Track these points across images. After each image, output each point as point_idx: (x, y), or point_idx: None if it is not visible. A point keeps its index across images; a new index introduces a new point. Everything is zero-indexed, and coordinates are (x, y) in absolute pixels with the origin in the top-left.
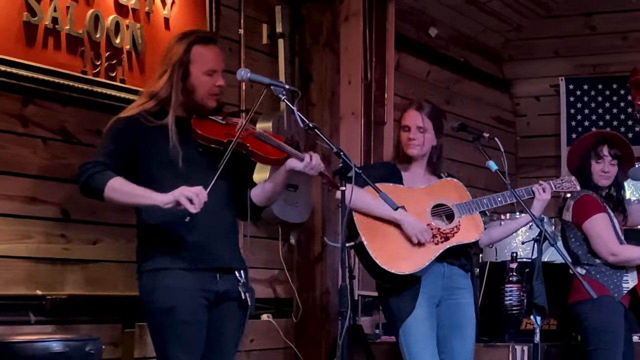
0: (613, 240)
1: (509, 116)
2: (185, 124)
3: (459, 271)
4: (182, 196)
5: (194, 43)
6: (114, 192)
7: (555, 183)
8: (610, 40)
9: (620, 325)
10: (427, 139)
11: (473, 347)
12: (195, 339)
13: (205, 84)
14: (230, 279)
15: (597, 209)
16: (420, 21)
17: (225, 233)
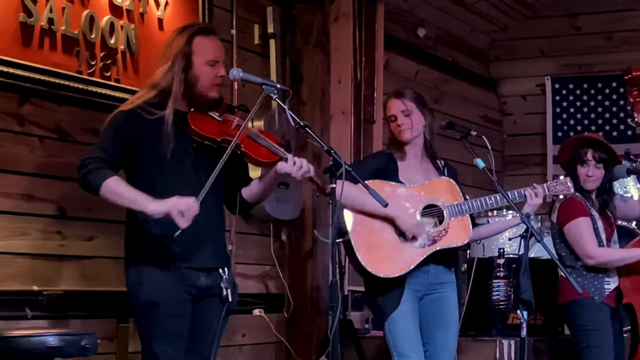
0: (592, 243)
1: (496, 115)
2: (184, 117)
3: (444, 269)
4: (174, 208)
5: (195, 34)
6: (108, 192)
7: (548, 186)
8: (595, 40)
9: (606, 324)
10: (414, 120)
11: (456, 340)
12: (179, 332)
13: (208, 74)
14: (213, 275)
15: (580, 212)
16: (409, 22)
17: (212, 231)
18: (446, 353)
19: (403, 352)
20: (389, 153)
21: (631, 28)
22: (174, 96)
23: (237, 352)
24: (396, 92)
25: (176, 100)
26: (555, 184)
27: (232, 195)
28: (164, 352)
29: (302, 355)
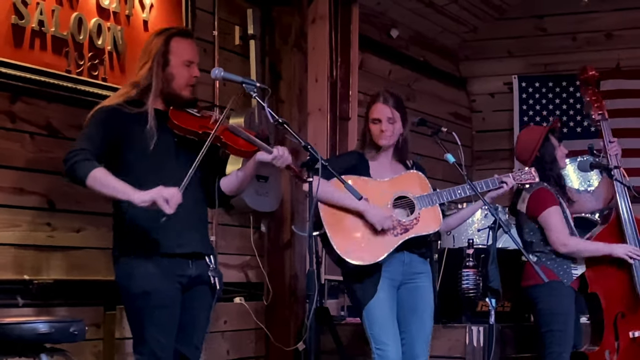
0: (564, 232)
1: (466, 112)
2: (163, 115)
3: (418, 258)
4: (160, 197)
5: (173, 36)
6: (95, 182)
7: (514, 175)
8: (560, 41)
9: (571, 308)
10: (396, 129)
11: (431, 328)
12: (171, 321)
13: (183, 74)
14: (201, 264)
15: (551, 202)
16: (382, 23)
17: (196, 221)
18: (422, 341)
19: (380, 340)
20: (361, 153)
21: (594, 29)
22: (154, 93)
23: (219, 338)
24: (384, 97)
25: (156, 96)
26: (521, 174)
27: (210, 188)
28: (155, 341)
29: (280, 341)
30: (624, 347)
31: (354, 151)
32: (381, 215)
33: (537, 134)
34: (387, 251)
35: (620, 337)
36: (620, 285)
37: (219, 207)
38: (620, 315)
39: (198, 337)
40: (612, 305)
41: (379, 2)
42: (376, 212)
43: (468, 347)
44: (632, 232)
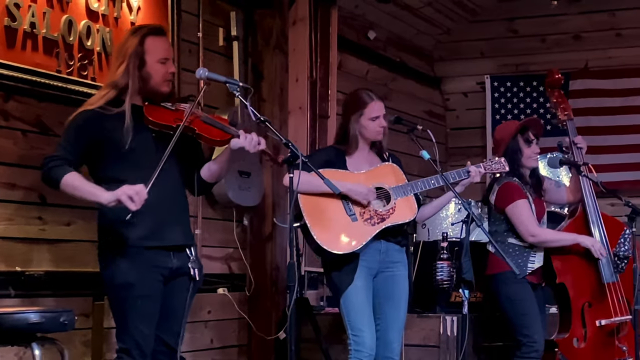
0: (533, 223)
1: (440, 110)
2: (140, 110)
3: (395, 247)
4: (124, 194)
5: (147, 35)
6: (66, 186)
7: (485, 165)
8: (530, 42)
9: (527, 294)
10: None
11: (405, 315)
12: (152, 311)
13: (159, 71)
14: (182, 256)
15: (519, 195)
16: (360, 25)
17: (177, 212)
18: (396, 328)
19: (356, 327)
20: (338, 148)
21: (563, 31)
22: (130, 93)
23: (203, 328)
24: (376, 95)
25: (132, 96)
26: (492, 163)
27: (191, 177)
28: (137, 330)
29: (262, 330)
30: (591, 334)
31: (331, 146)
32: (364, 191)
33: (509, 130)
34: (366, 240)
35: (588, 326)
36: (587, 276)
37: (200, 194)
38: (587, 304)
39: (178, 325)
40: (579, 295)
41: (357, 4)
42: (359, 189)
43: (442, 336)
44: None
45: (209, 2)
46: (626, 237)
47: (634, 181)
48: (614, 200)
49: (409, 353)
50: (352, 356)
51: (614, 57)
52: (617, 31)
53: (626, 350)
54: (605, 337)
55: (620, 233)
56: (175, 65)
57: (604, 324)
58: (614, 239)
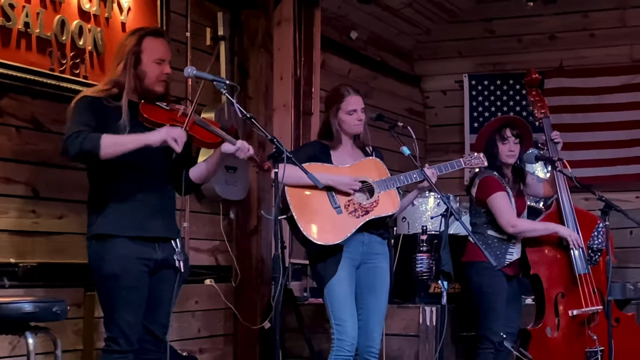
0: (512, 214)
1: (420, 108)
2: (137, 107)
3: (377, 239)
4: (169, 136)
5: (145, 35)
6: (109, 147)
7: (465, 160)
8: (507, 42)
9: (500, 288)
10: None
11: (386, 305)
12: (138, 301)
13: (155, 71)
14: (167, 247)
15: (498, 188)
16: (343, 25)
17: (164, 206)
18: (377, 318)
19: (339, 316)
20: (322, 142)
21: (539, 31)
22: (127, 89)
23: (190, 318)
24: (354, 89)
25: (129, 92)
26: (471, 158)
27: (178, 176)
28: (124, 320)
29: (248, 320)
30: (564, 324)
31: (316, 141)
32: (347, 181)
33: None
34: (350, 232)
35: (561, 316)
36: (560, 267)
37: (187, 194)
38: (560, 295)
39: (165, 316)
40: (552, 286)
41: (340, 5)
42: (343, 179)
43: (422, 326)
44: (572, 220)
45: (196, 3)
46: (599, 231)
47: (607, 176)
48: (587, 194)
49: (390, 342)
50: (334, 345)
51: (588, 56)
52: (591, 32)
53: (597, 340)
54: (577, 327)
55: (593, 226)
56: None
57: (576, 314)
58: (587, 232)
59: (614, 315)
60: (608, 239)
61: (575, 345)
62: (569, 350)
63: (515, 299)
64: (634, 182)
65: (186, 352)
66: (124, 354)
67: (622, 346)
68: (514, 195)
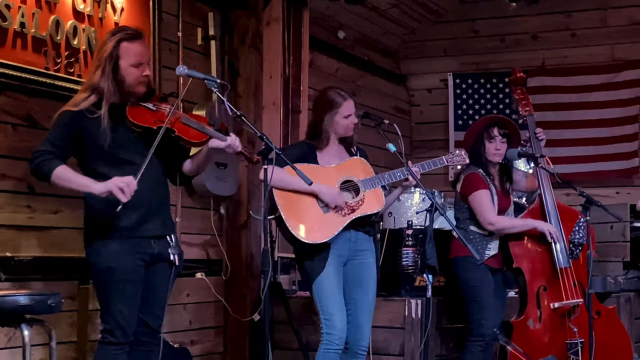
0: (492, 212)
1: (405, 106)
2: (121, 109)
3: (364, 236)
4: (114, 186)
5: (122, 40)
6: (57, 179)
7: (447, 157)
8: (490, 42)
9: (484, 281)
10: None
11: (374, 300)
12: (133, 293)
13: (133, 74)
14: (162, 242)
15: (481, 185)
16: (330, 25)
17: (158, 205)
18: (365, 313)
19: (328, 311)
20: (309, 143)
21: (521, 31)
22: (106, 96)
23: (182, 310)
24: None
25: (109, 98)
26: (453, 156)
27: (173, 170)
28: (120, 312)
29: (238, 312)
30: (545, 316)
31: (303, 142)
32: (333, 194)
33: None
34: (337, 230)
35: (542, 308)
36: (542, 261)
37: (181, 185)
38: (542, 288)
39: (159, 307)
40: (534, 279)
41: (328, 6)
42: (328, 191)
43: (407, 319)
44: (554, 215)
45: (188, 3)
46: (580, 225)
47: (588, 173)
48: (569, 190)
49: (376, 334)
50: (323, 339)
51: (569, 55)
52: (572, 31)
53: (577, 332)
54: (558, 319)
55: (575, 221)
56: (152, 65)
57: (558, 307)
58: (569, 227)
59: (595, 308)
60: (589, 234)
61: (557, 337)
62: (550, 342)
63: (500, 291)
64: (614, 178)
65: (177, 343)
66: (120, 345)
67: (603, 338)
68: (499, 193)
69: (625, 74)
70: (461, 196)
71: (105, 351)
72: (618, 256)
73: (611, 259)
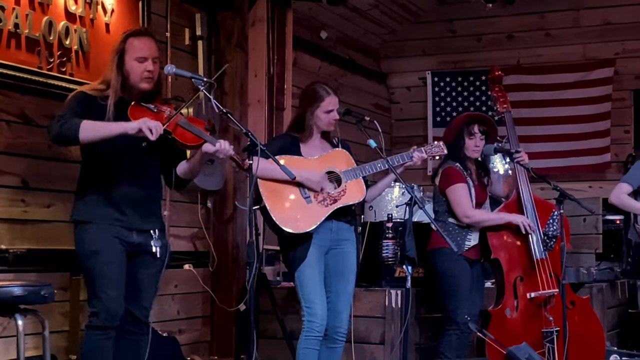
0: (468, 205)
1: (386, 103)
2: (126, 106)
3: (345, 225)
4: (145, 125)
5: (130, 36)
6: (86, 132)
7: (425, 149)
8: (467, 41)
9: (462, 272)
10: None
11: (353, 288)
12: (118, 275)
13: (137, 69)
14: (145, 235)
15: (458, 179)
16: (313, 26)
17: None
18: (345, 300)
19: (309, 299)
20: (293, 135)
21: (497, 31)
22: (112, 89)
23: (170, 300)
24: (334, 90)
25: (116, 91)
26: (432, 147)
27: (169, 171)
28: (105, 294)
29: (224, 302)
30: (522, 306)
31: (286, 134)
32: (317, 180)
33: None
34: (320, 220)
35: (519, 298)
36: (519, 252)
37: (177, 188)
38: (519, 278)
39: (145, 299)
40: (511, 270)
41: (311, 7)
42: (311, 176)
43: (387, 308)
44: (531, 208)
45: (176, 4)
46: (555, 218)
47: (562, 167)
48: (543, 184)
49: (357, 323)
50: (305, 326)
51: (544, 54)
52: (546, 31)
53: (552, 320)
54: (534, 309)
55: (549, 214)
56: (158, 64)
57: (534, 297)
58: (544, 220)
59: (570, 298)
60: (563, 226)
61: (533, 326)
62: (527, 330)
63: (478, 282)
64: (587, 173)
65: (166, 332)
66: (106, 330)
67: (577, 327)
68: (477, 187)
69: (597, 72)
70: (439, 190)
71: (92, 337)
72: (591, 248)
73: (584, 251)
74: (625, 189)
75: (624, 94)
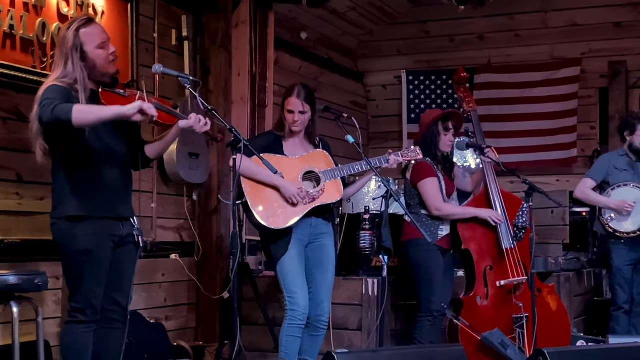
0: (439, 199)
1: (363, 100)
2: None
3: (323, 221)
4: (145, 105)
5: (79, 28)
6: (81, 114)
7: (402, 153)
8: (441, 42)
9: (434, 262)
10: (306, 118)
11: (333, 279)
12: (104, 274)
13: (102, 55)
14: (128, 225)
15: (430, 174)
16: (294, 27)
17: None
18: (325, 290)
19: (291, 290)
20: (276, 134)
21: (469, 32)
22: (81, 85)
23: (157, 289)
24: (298, 92)
25: (85, 85)
26: (408, 152)
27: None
28: (92, 292)
29: (209, 290)
30: (492, 294)
31: (271, 132)
32: (293, 190)
33: (433, 115)
34: (297, 217)
35: (489, 286)
36: (488, 242)
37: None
38: (489, 267)
39: (128, 286)
40: (481, 260)
41: (291, 9)
42: (289, 186)
43: (364, 296)
44: (499, 201)
45: (163, 7)
46: (524, 210)
47: (531, 162)
48: (513, 178)
49: (336, 311)
50: (288, 315)
51: (513, 54)
52: (516, 32)
53: (522, 307)
54: (504, 296)
55: (518, 207)
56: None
57: (504, 284)
58: (513, 212)
59: (537, 286)
60: (531, 218)
61: (503, 312)
62: (498, 317)
63: (450, 270)
64: (555, 167)
65: (153, 319)
66: (88, 324)
67: (544, 313)
68: (446, 179)
69: (564, 71)
70: (411, 183)
71: (74, 330)
72: (558, 239)
73: (552, 242)
74: (589, 184)
75: (590, 92)
